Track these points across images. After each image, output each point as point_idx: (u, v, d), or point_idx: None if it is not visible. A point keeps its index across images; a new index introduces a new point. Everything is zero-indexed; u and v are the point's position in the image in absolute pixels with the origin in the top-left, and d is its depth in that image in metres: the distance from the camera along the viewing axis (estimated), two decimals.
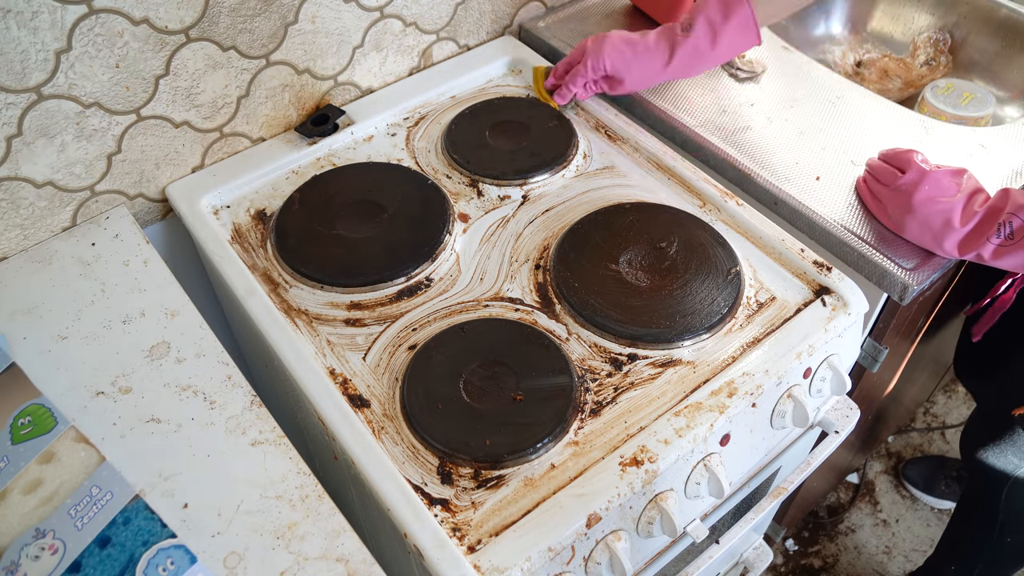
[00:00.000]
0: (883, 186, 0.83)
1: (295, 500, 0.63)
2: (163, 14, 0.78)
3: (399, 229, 0.84)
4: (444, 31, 1.05)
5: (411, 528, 0.61)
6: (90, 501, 0.62)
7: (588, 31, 1.12)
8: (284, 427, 0.69)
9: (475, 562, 0.59)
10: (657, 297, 0.77)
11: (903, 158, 0.83)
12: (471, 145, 0.94)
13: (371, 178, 0.90)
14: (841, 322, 0.76)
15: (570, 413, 0.68)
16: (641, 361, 0.73)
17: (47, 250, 0.83)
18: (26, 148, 0.78)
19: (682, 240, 0.81)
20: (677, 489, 0.69)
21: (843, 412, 0.84)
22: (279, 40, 0.89)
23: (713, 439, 0.69)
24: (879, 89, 1.19)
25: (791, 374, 0.74)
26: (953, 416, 1.72)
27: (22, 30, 0.71)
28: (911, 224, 0.81)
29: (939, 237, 0.79)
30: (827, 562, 1.50)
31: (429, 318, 0.77)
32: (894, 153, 0.85)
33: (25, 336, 0.75)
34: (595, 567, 0.65)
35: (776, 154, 0.93)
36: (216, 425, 0.68)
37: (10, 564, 0.59)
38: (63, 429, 0.67)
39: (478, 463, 0.65)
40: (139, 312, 0.77)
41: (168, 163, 0.89)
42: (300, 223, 0.85)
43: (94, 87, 0.78)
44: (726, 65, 1.05)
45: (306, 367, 0.72)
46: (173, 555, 0.59)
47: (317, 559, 0.60)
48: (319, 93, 0.98)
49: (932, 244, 0.80)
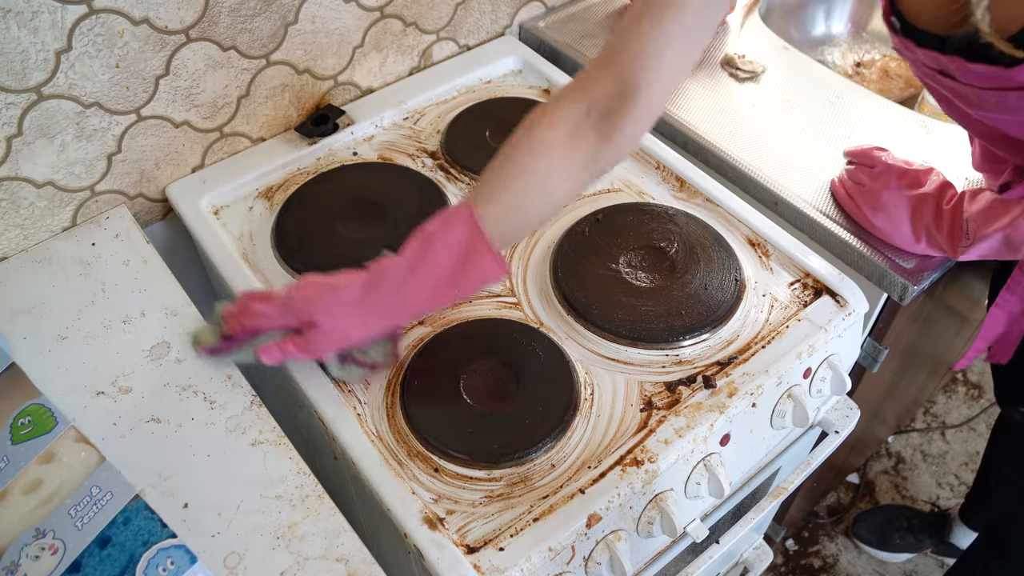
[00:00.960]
0: (855, 184, 0.84)
1: (295, 500, 0.63)
2: (163, 14, 0.78)
3: (399, 229, 0.84)
4: (444, 31, 1.05)
5: (411, 528, 0.61)
6: (90, 501, 0.62)
7: (588, 31, 1.12)
8: (284, 427, 0.69)
9: (475, 562, 0.59)
10: (657, 297, 0.77)
11: (871, 156, 0.83)
12: (471, 145, 0.94)
13: (371, 178, 0.90)
14: (841, 322, 0.76)
15: (570, 413, 0.68)
16: None
17: (47, 250, 0.83)
18: (26, 148, 0.78)
19: (682, 240, 0.81)
20: (677, 489, 0.69)
21: (843, 412, 0.84)
22: (279, 40, 0.89)
23: (713, 439, 0.69)
24: (879, 89, 1.19)
25: (791, 374, 0.74)
26: (953, 416, 1.72)
27: (22, 30, 0.71)
28: (880, 220, 0.81)
29: (907, 234, 0.80)
30: (827, 562, 1.50)
31: (429, 318, 0.77)
32: (861, 151, 0.85)
33: (25, 336, 0.75)
34: (595, 567, 0.65)
35: (776, 154, 0.93)
36: (216, 425, 0.68)
37: (10, 564, 0.59)
38: (63, 429, 0.67)
39: (478, 463, 0.65)
40: (139, 312, 0.77)
41: (168, 163, 0.89)
42: (300, 223, 0.85)
43: (94, 87, 0.78)
44: (726, 65, 1.05)
45: (305, 366, 0.72)
46: (173, 555, 0.59)
47: (317, 559, 0.60)
48: (319, 93, 0.98)
49: (900, 240, 0.81)
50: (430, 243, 0.61)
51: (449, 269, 0.61)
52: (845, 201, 0.85)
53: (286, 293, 0.65)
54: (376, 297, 0.62)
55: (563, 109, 0.62)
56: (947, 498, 1.59)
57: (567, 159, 0.62)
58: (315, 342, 0.64)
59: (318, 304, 0.63)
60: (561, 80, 1.03)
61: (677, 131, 0.97)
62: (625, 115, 0.60)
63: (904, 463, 1.65)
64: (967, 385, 1.78)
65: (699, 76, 1.04)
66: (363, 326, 0.64)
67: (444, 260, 0.61)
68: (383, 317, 0.64)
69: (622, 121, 0.60)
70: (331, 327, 0.63)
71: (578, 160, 0.62)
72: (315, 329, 0.63)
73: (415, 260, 0.61)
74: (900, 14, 0.64)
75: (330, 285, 0.64)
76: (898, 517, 1.49)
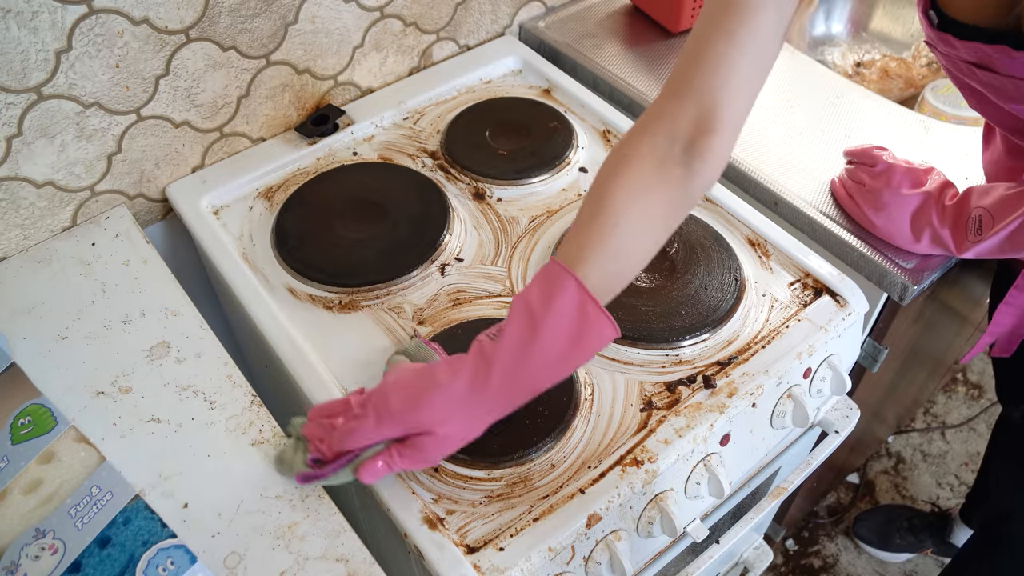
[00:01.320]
0: (855, 184, 0.84)
1: (295, 500, 0.63)
2: (163, 14, 0.78)
3: (399, 229, 0.84)
4: (444, 31, 1.05)
5: (411, 528, 0.61)
6: (90, 501, 0.62)
7: (588, 31, 1.12)
8: (284, 427, 0.68)
9: (475, 562, 0.59)
10: (657, 297, 0.77)
11: (871, 155, 0.83)
12: (471, 145, 0.94)
13: (371, 178, 0.90)
14: (841, 322, 0.76)
15: (570, 413, 0.68)
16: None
17: (47, 250, 0.83)
18: (26, 148, 0.78)
19: (682, 240, 0.81)
20: (677, 489, 0.69)
21: (843, 412, 0.84)
22: (279, 40, 0.89)
23: (713, 439, 0.69)
24: (879, 89, 1.19)
25: (791, 374, 0.74)
26: (953, 416, 1.72)
27: (22, 30, 0.71)
28: (881, 219, 0.81)
29: (908, 233, 0.80)
30: (827, 562, 1.50)
31: (428, 319, 0.77)
32: (862, 151, 0.85)
33: (25, 336, 0.75)
34: (595, 567, 0.65)
35: (776, 154, 0.93)
36: (216, 425, 0.68)
37: (10, 564, 0.59)
38: (63, 429, 0.67)
39: (478, 463, 0.65)
40: (139, 312, 0.77)
41: (168, 163, 0.89)
42: (300, 223, 0.85)
43: (94, 87, 0.78)
44: None
45: (306, 367, 0.72)
46: (173, 555, 0.59)
47: (317, 559, 0.60)
48: (319, 93, 0.98)
49: (901, 240, 0.81)
50: (537, 321, 0.55)
51: (564, 343, 0.55)
52: (845, 201, 0.85)
53: (374, 400, 0.58)
54: (487, 389, 0.56)
55: (644, 147, 0.58)
56: (947, 498, 1.59)
57: (661, 197, 0.58)
58: (428, 450, 0.57)
59: (425, 409, 0.56)
60: (561, 80, 1.03)
61: None
62: (712, 139, 0.56)
63: (904, 463, 1.65)
64: (967, 385, 1.78)
65: None
66: (481, 421, 0.57)
67: (557, 336, 0.55)
68: (499, 408, 0.57)
69: (709, 147, 0.57)
70: (447, 432, 0.56)
71: (671, 195, 0.58)
72: (428, 437, 0.56)
73: (524, 342, 0.55)
74: (938, 8, 0.64)
75: (429, 383, 0.57)
76: (899, 517, 1.50)
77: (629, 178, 0.58)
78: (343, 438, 0.58)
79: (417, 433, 0.57)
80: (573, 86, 1.02)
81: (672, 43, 1.10)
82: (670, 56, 1.08)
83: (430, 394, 0.56)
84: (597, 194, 0.59)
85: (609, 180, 0.59)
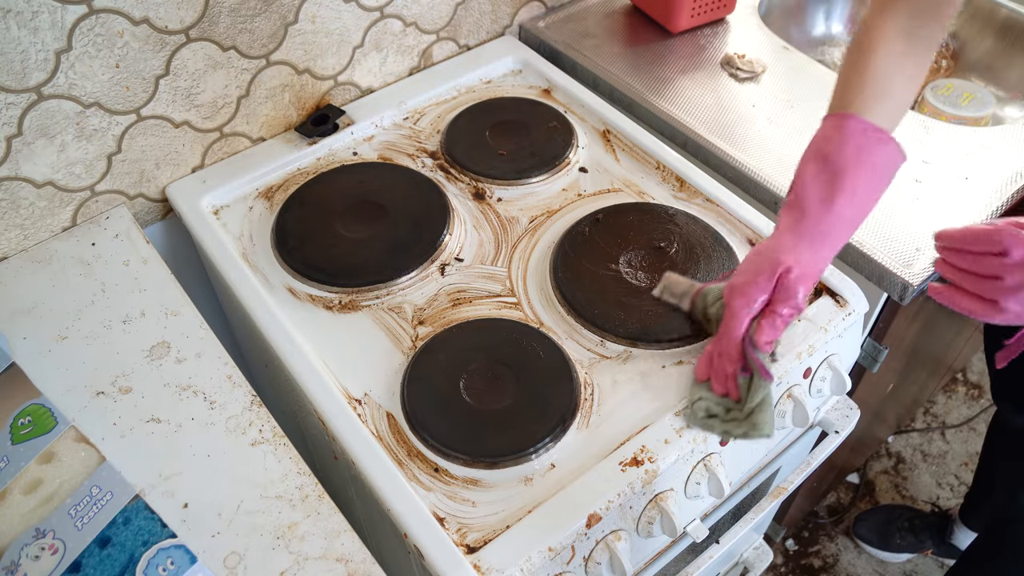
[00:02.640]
0: (981, 278, 0.60)
1: (295, 500, 0.63)
2: (163, 14, 0.79)
3: (399, 229, 0.84)
4: (444, 31, 1.05)
5: (411, 528, 0.61)
6: (90, 501, 0.62)
7: (588, 31, 1.12)
8: (284, 427, 0.69)
9: (475, 562, 0.59)
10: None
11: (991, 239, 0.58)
12: (471, 145, 0.94)
13: (371, 178, 0.90)
14: (841, 322, 0.76)
15: (570, 413, 0.68)
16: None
17: (47, 250, 0.83)
18: (26, 148, 0.78)
19: (682, 240, 0.81)
20: (677, 489, 0.69)
21: (843, 412, 0.84)
22: (279, 40, 0.89)
23: (713, 439, 0.69)
24: None
25: (791, 374, 0.74)
26: (953, 416, 1.72)
27: (22, 30, 0.71)
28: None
29: None
30: (827, 562, 1.50)
31: (429, 318, 0.77)
32: (976, 233, 0.60)
33: (25, 336, 0.75)
34: (595, 567, 0.65)
35: (776, 154, 0.93)
36: (216, 425, 0.68)
37: (10, 564, 0.59)
38: (63, 429, 0.67)
39: (478, 463, 0.65)
40: (139, 312, 0.77)
41: (168, 163, 0.89)
42: (300, 223, 0.85)
43: (94, 87, 0.78)
44: (726, 65, 1.05)
45: (306, 367, 0.72)
46: (173, 555, 0.59)
47: (317, 559, 0.60)
48: (319, 93, 0.98)
49: None
50: (828, 153, 0.63)
51: (857, 169, 0.62)
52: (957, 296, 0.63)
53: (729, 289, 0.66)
54: (805, 220, 0.64)
55: (888, 28, 0.65)
56: (947, 498, 1.59)
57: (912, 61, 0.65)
58: (792, 288, 0.63)
59: (774, 255, 0.64)
60: (561, 80, 1.03)
61: (677, 131, 0.97)
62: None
63: (904, 463, 1.65)
64: (967, 385, 1.78)
65: (699, 76, 1.04)
66: (819, 254, 0.64)
67: (848, 160, 0.62)
68: (822, 238, 0.64)
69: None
70: (799, 261, 0.63)
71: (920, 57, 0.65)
72: (786, 276, 0.63)
73: (817, 173, 0.63)
74: None
75: (764, 246, 0.65)
76: (899, 517, 1.49)
77: (877, 40, 0.65)
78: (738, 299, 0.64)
79: (783, 273, 0.63)
80: (573, 86, 1.02)
81: (672, 43, 1.10)
82: (670, 56, 1.08)
83: (771, 251, 0.64)
84: (851, 62, 0.66)
85: (863, 47, 0.66)
